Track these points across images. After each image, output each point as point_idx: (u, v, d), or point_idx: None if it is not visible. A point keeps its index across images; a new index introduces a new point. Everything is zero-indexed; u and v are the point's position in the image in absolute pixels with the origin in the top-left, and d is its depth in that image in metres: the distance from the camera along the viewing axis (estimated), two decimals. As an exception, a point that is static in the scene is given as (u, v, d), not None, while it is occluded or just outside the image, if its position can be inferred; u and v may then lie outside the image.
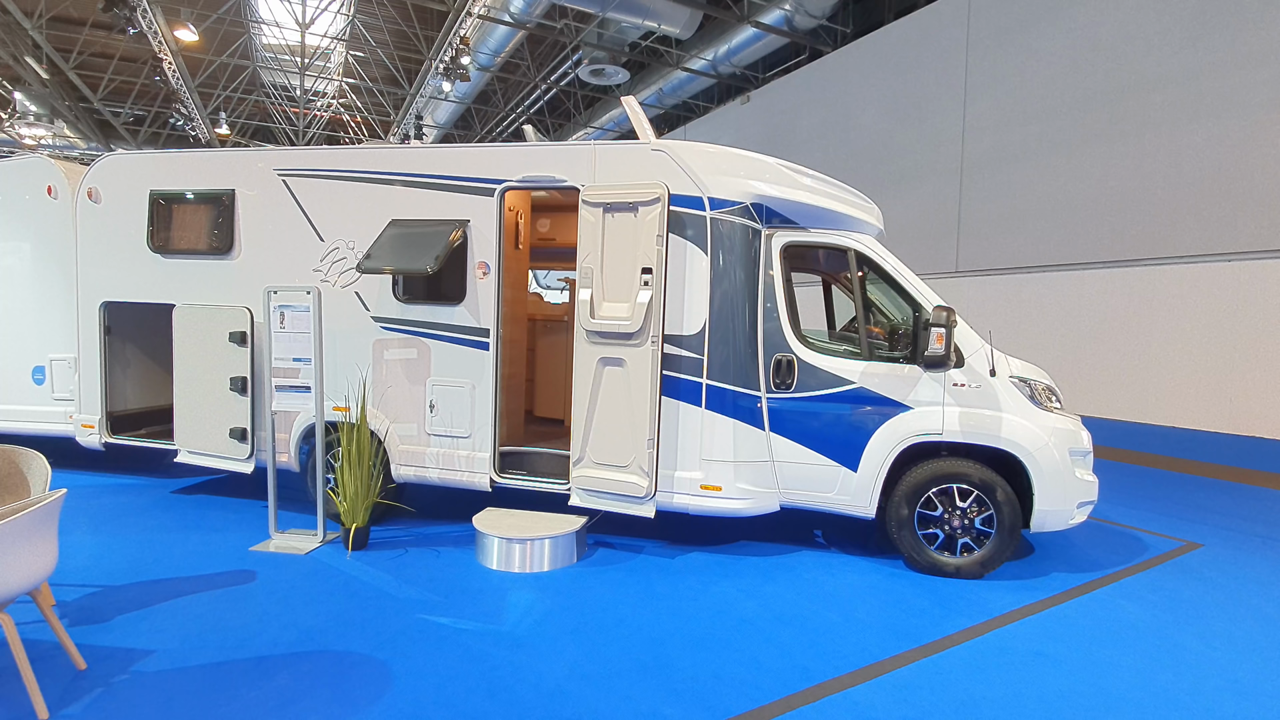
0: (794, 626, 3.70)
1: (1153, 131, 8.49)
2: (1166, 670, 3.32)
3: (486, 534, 4.52)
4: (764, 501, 4.68)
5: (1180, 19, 8.23)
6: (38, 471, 3.38)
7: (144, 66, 17.71)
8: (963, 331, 4.52)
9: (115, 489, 6.14)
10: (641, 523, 5.37)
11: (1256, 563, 4.94)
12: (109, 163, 5.82)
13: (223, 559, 4.47)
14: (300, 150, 5.41)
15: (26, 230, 6.30)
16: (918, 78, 11.66)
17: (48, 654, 3.14)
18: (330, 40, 17.50)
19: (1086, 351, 9.16)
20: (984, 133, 10.57)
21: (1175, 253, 8.29)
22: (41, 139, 21.14)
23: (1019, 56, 10.01)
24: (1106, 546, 5.21)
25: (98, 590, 3.91)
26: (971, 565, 4.43)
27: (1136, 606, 4.09)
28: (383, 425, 5.15)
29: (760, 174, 4.66)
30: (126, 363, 6.21)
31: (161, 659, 3.16)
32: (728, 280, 4.58)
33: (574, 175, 4.75)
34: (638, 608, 3.89)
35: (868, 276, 4.81)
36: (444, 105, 20.73)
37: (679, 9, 12.91)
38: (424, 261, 4.60)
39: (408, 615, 3.70)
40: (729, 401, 4.58)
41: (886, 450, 4.48)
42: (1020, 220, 10.05)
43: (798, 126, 14.48)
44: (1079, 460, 4.44)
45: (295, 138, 22.94)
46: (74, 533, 4.88)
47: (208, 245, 5.49)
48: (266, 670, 3.08)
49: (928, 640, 3.57)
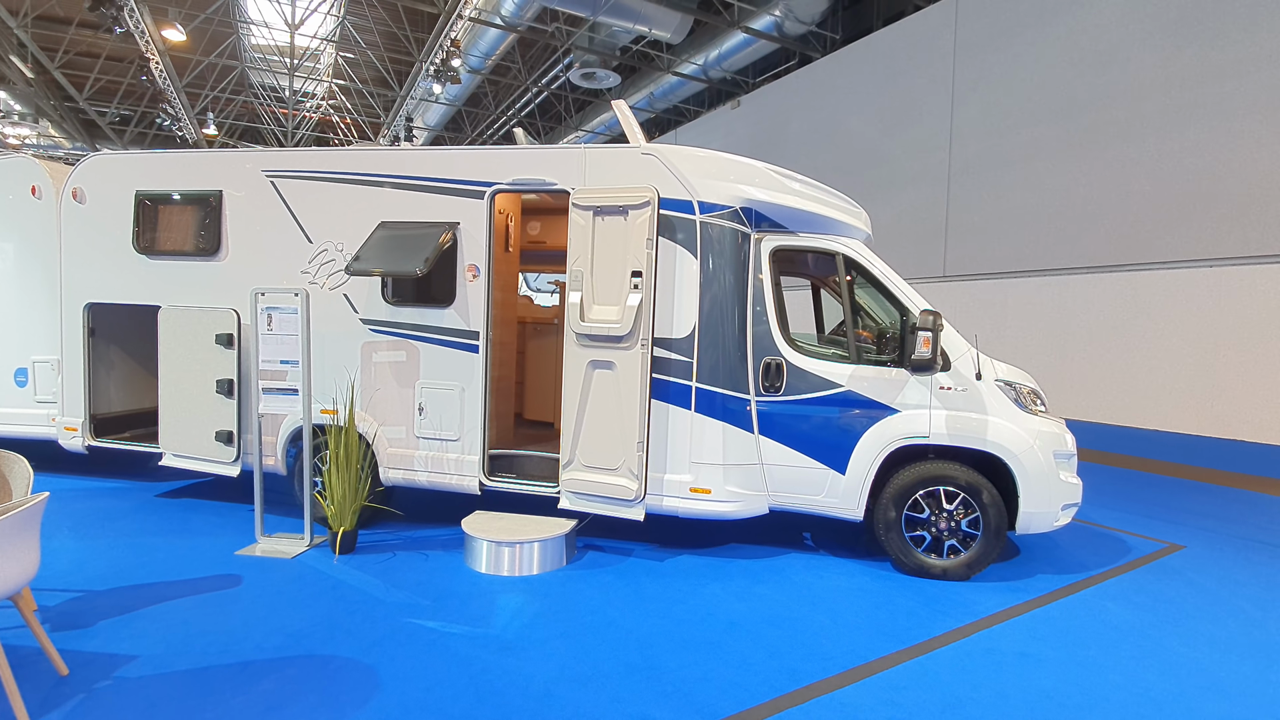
0: (783, 628, 3.71)
1: (1136, 138, 8.62)
2: (1150, 671, 3.36)
3: (475, 537, 4.50)
4: (753, 504, 4.70)
5: (1163, 28, 8.36)
6: (20, 474, 3.33)
7: (131, 66, 17.57)
8: (949, 335, 4.56)
9: (98, 493, 6.06)
10: (631, 525, 5.37)
11: (1237, 564, 5.01)
12: (94, 163, 5.76)
13: (208, 563, 4.42)
14: (289, 151, 5.39)
15: (9, 231, 6.23)
16: (906, 84, 11.77)
17: (29, 660, 3.10)
18: (320, 41, 17.43)
19: (1071, 355, 9.26)
20: (971, 139, 10.69)
21: (1158, 258, 8.41)
22: (26, 138, 20.92)
23: (1005, 64, 10.14)
24: (1091, 548, 5.27)
25: (80, 595, 3.86)
26: (958, 567, 4.46)
27: (1120, 608, 4.14)
28: (371, 428, 5.12)
29: (750, 178, 4.69)
30: (110, 365, 6.14)
31: (145, 664, 3.12)
32: (717, 284, 4.60)
33: (564, 178, 4.76)
34: (627, 610, 3.89)
35: (856, 281, 4.85)
36: (434, 107, 20.70)
37: (670, 14, 12.97)
38: (413, 264, 4.58)
39: (395, 619, 3.68)
40: (718, 404, 4.59)
41: (874, 453, 4.51)
42: (1006, 225, 10.16)
43: (787, 131, 14.57)
44: (1063, 463, 4.49)
45: (284, 139, 22.80)
46: (56, 537, 4.82)
47: (194, 246, 5.45)
48: (252, 675, 3.05)
49: (915, 641, 3.60)
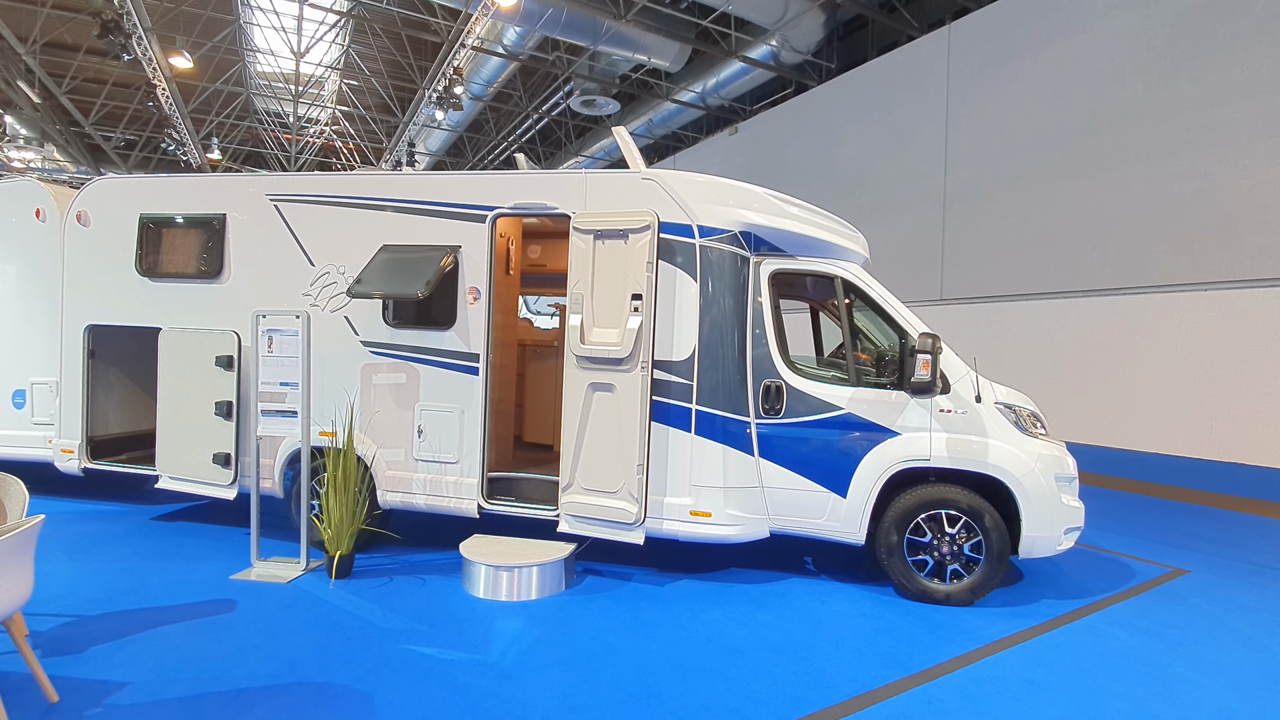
0: (785, 655, 3.66)
1: (1130, 164, 8.74)
2: (1157, 698, 3.31)
3: (473, 561, 4.46)
4: (754, 528, 4.66)
5: (1153, 54, 8.53)
6: (15, 496, 3.32)
7: (137, 92, 17.83)
8: (948, 358, 4.58)
9: (93, 515, 6.01)
10: (630, 550, 5.31)
11: (1241, 589, 4.97)
12: (99, 186, 5.82)
13: (202, 588, 4.37)
14: (293, 176, 5.45)
15: (12, 253, 6.27)
16: (900, 111, 11.96)
17: (19, 686, 3.05)
18: (325, 69, 17.72)
19: (1069, 378, 9.28)
20: (965, 164, 10.83)
21: (1154, 282, 8.47)
22: (31, 162, 21.12)
23: (999, 91, 10.32)
24: (1094, 573, 5.23)
25: (73, 620, 3.81)
26: (961, 592, 4.42)
27: (1126, 633, 4.09)
28: (370, 450, 5.10)
29: (749, 203, 4.74)
30: (109, 387, 6.13)
31: (136, 691, 3.07)
32: (717, 307, 4.63)
33: (565, 203, 4.81)
34: (626, 636, 3.84)
35: (854, 304, 4.88)
36: (436, 133, 20.97)
37: (668, 43, 13.22)
38: (415, 286, 4.61)
39: (392, 645, 3.62)
40: (718, 427, 4.59)
41: (875, 476, 4.50)
42: (1002, 249, 10.25)
43: (784, 157, 14.76)
44: (1065, 486, 4.48)
45: (287, 163, 23.04)
46: (50, 560, 4.76)
47: (197, 269, 5.48)
48: (245, 703, 3.00)
49: (920, 668, 3.55)
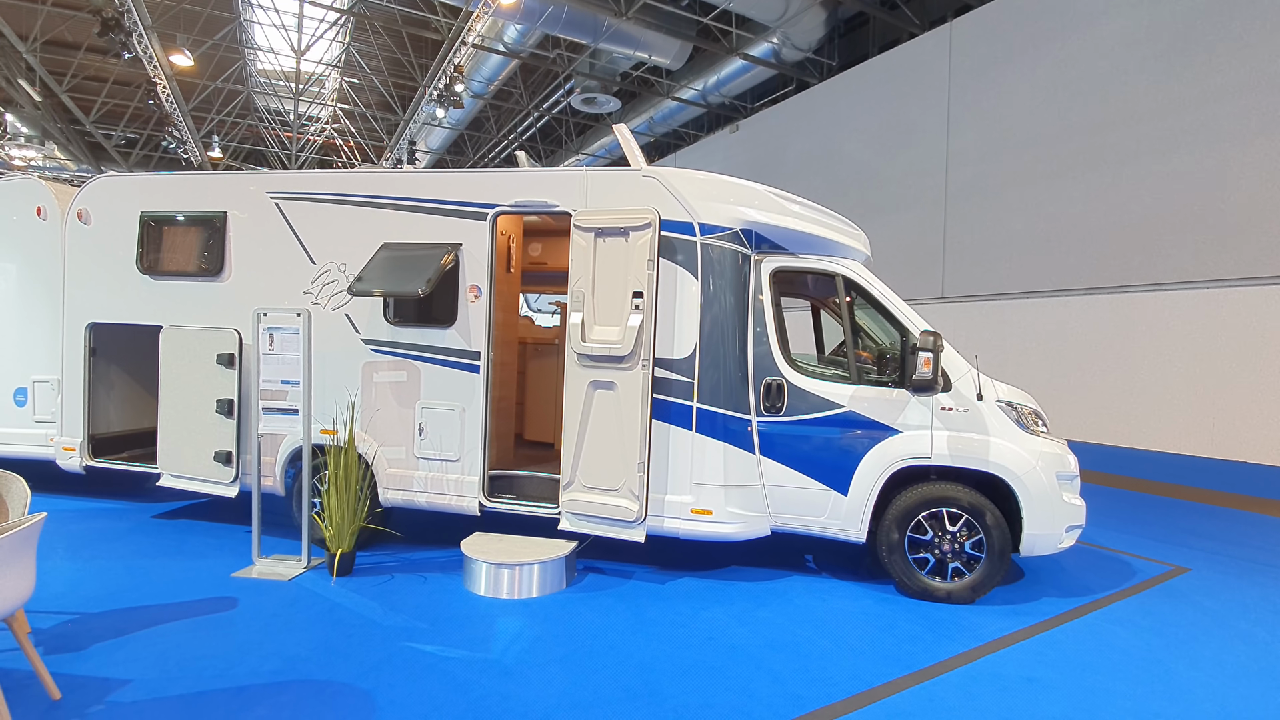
0: (786, 653, 3.66)
1: (1131, 162, 8.72)
2: (1158, 697, 3.31)
3: (474, 559, 4.46)
4: (755, 525, 4.66)
5: (1155, 53, 8.51)
6: (17, 494, 3.32)
7: (138, 90, 17.82)
8: (950, 356, 4.57)
9: (95, 513, 6.01)
10: (631, 547, 5.32)
11: (1244, 587, 4.96)
12: (100, 184, 5.82)
13: (203, 585, 4.38)
14: (294, 173, 5.44)
15: (13, 251, 6.27)
16: (902, 109, 11.94)
17: (22, 683, 3.05)
18: (325, 67, 17.70)
19: (1071, 376, 9.27)
20: (967, 162, 10.81)
21: (1155, 280, 8.46)
22: (31, 160, 21.12)
23: (1000, 89, 10.29)
24: (1095, 571, 5.22)
25: (75, 617, 3.82)
26: (962, 590, 4.42)
27: (1127, 632, 4.09)
28: (371, 448, 5.10)
29: (750, 200, 4.73)
30: (110, 385, 6.14)
31: (138, 689, 3.07)
32: (718, 305, 4.62)
33: (566, 200, 4.81)
34: (628, 634, 3.84)
35: (856, 301, 4.87)
36: (437, 131, 20.96)
37: (669, 41, 13.20)
38: (415, 284, 4.61)
39: (393, 643, 3.63)
40: (719, 425, 4.58)
41: (876, 474, 4.49)
42: (1004, 247, 10.23)
43: (785, 155, 14.74)
44: (1066, 484, 4.47)
45: (288, 161, 23.03)
46: (52, 558, 4.77)
47: (198, 267, 5.48)
48: (246, 700, 3.01)
49: (920, 666, 3.55)
